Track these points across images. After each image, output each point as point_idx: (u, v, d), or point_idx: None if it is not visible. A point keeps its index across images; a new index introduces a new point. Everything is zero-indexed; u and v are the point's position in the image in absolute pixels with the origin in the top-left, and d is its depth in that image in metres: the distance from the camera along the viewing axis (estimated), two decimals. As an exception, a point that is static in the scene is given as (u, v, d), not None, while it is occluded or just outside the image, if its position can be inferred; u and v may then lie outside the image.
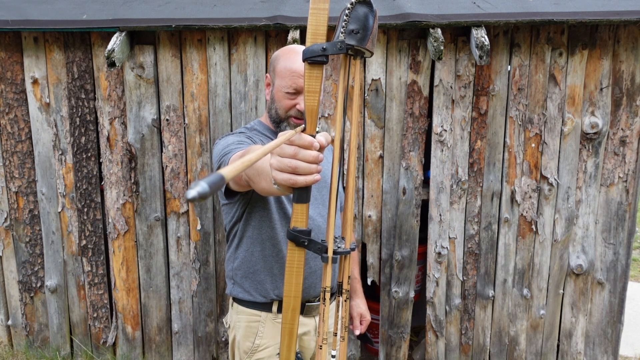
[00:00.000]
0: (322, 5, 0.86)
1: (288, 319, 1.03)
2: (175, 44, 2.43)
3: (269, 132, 1.57)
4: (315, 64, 0.89)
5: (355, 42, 0.90)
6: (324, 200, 1.57)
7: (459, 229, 2.54)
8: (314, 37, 0.88)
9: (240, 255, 1.56)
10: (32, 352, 2.79)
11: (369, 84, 2.42)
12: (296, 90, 1.45)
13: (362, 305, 1.82)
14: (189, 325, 2.68)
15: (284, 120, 1.50)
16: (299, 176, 0.84)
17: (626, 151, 2.45)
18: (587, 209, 2.52)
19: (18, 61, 2.52)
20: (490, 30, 2.33)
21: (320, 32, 0.88)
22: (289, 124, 1.49)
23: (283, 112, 1.49)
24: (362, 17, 0.89)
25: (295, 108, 1.46)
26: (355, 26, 0.89)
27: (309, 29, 0.89)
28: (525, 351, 2.67)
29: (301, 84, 1.43)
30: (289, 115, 1.48)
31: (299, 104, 1.45)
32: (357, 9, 0.89)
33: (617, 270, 2.57)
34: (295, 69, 1.44)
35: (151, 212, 2.57)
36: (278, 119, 1.50)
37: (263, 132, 1.56)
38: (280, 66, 1.48)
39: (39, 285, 2.74)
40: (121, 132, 2.53)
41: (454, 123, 2.45)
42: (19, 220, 2.68)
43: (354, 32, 0.89)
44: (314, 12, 0.88)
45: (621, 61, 2.38)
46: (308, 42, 0.89)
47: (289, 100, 1.47)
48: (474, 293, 2.61)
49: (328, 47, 0.87)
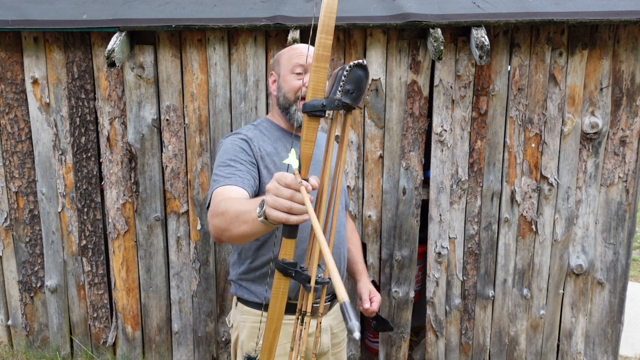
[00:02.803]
0: (323, 64, 0.98)
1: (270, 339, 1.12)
2: (175, 44, 2.43)
3: (274, 129, 1.58)
4: (314, 116, 1.00)
5: (350, 101, 1.03)
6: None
7: (459, 229, 2.54)
8: (314, 93, 1.00)
9: (247, 261, 1.56)
10: (32, 352, 2.79)
11: (369, 84, 2.42)
12: (304, 69, 1.48)
13: (368, 284, 1.77)
14: (189, 325, 2.68)
15: (293, 104, 1.50)
16: (292, 216, 0.94)
17: (626, 151, 2.45)
18: (587, 209, 2.52)
19: (18, 61, 2.52)
20: (490, 30, 2.33)
21: (320, 88, 1.00)
22: (299, 108, 1.50)
23: (292, 95, 1.50)
24: (358, 80, 1.02)
25: (304, 87, 1.48)
26: (351, 87, 1.02)
27: (310, 84, 1.00)
28: (525, 351, 2.67)
29: (309, 61, 1.45)
30: (297, 97, 1.49)
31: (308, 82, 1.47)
32: (355, 72, 1.02)
33: (617, 270, 2.57)
34: (302, 50, 1.50)
35: (151, 212, 2.57)
36: (287, 103, 1.51)
37: (268, 130, 1.57)
38: (285, 56, 1.53)
39: (39, 285, 2.74)
40: (121, 132, 2.53)
41: (454, 123, 2.45)
42: (19, 220, 2.68)
43: (349, 92, 1.02)
44: (316, 70, 0.99)
45: (621, 61, 2.38)
46: (309, 97, 1.00)
47: (297, 80, 1.49)
48: (474, 293, 2.61)
49: (327, 104, 1.00)
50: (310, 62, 1.45)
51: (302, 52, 1.50)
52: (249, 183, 1.37)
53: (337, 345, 1.70)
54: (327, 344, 1.62)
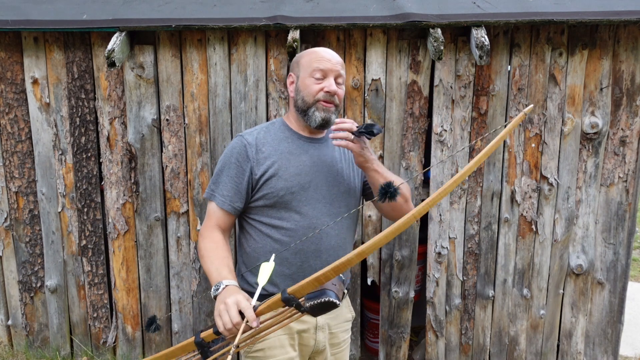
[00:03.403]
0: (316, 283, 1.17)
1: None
2: (175, 44, 2.43)
3: (284, 129, 1.62)
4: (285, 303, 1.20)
5: (310, 314, 1.19)
6: (333, 199, 1.59)
7: (459, 229, 2.54)
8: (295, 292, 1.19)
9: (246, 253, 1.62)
10: (32, 352, 2.79)
11: (369, 84, 2.42)
12: (323, 74, 1.52)
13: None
14: (189, 325, 2.68)
15: (312, 106, 1.54)
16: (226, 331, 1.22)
17: (626, 151, 2.45)
18: (587, 209, 2.52)
19: (18, 61, 2.52)
20: (490, 30, 2.32)
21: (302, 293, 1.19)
22: (317, 109, 1.53)
23: (311, 98, 1.53)
24: (326, 310, 1.16)
25: (322, 92, 1.52)
26: (318, 312, 1.18)
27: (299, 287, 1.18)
28: (525, 351, 2.67)
29: (328, 66, 1.52)
30: (317, 99, 1.53)
31: (327, 86, 1.51)
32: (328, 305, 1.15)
33: (617, 270, 2.57)
34: (322, 54, 1.54)
35: (151, 212, 2.57)
36: (305, 106, 1.55)
37: (278, 131, 1.61)
38: (305, 59, 1.56)
39: (39, 285, 2.74)
40: (121, 132, 2.53)
41: (454, 123, 2.45)
42: (19, 220, 2.68)
43: (314, 311, 1.18)
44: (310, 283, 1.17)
45: (621, 61, 2.38)
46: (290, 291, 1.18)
47: (316, 85, 1.52)
48: (474, 293, 2.61)
49: (295, 307, 1.18)
50: (330, 67, 1.52)
51: (323, 56, 1.53)
52: (229, 200, 1.54)
53: (336, 346, 1.70)
54: (323, 342, 1.63)
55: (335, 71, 1.53)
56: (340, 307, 1.69)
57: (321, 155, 1.60)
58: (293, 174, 1.54)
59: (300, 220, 1.53)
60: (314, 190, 1.56)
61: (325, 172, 1.59)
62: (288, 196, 1.52)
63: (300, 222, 1.53)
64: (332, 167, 1.61)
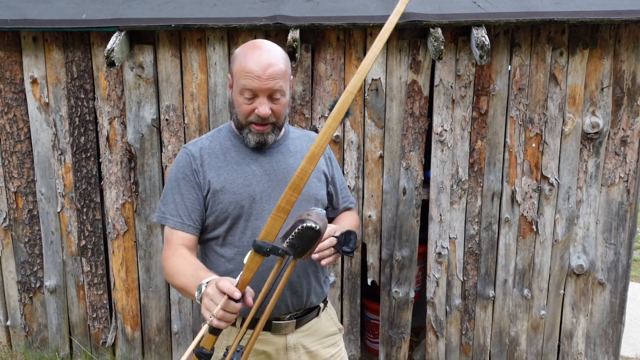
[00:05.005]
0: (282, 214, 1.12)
1: None
2: (175, 44, 2.42)
3: (234, 138, 1.47)
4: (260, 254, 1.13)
5: (293, 254, 1.16)
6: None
7: (459, 229, 2.54)
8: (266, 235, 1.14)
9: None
10: (31, 353, 2.78)
11: (369, 83, 2.41)
12: (253, 94, 1.33)
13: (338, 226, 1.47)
14: (189, 326, 2.68)
15: (244, 127, 1.39)
16: (222, 322, 1.11)
17: (627, 151, 2.44)
18: (587, 209, 2.51)
19: (17, 61, 2.52)
20: (490, 30, 2.32)
21: (273, 233, 1.14)
22: (251, 132, 1.39)
23: (243, 119, 1.38)
24: (307, 239, 1.13)
25: (254, 114, 1.35)
26: (298, 242, 1.13)
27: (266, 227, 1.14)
28: (526, 352, 2.66)
29: (256, 85, 1.31)
30: (249, 121, 1.37)
31: (258, 108, 1.33)
32: (306, 232, 1.13)
33: (618, 271, 2.56)
34: (250, 69, 1.30)
35: (151, 212, 2.56)
36: (239, 125, 1.41)
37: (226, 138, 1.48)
38: (237, 66, 1.35)
39: (38, 285, 2.74)
40: (121, 132, 2.52)
41: (454, 123, 2.44)
42: (18, 221, 2.67)
43: (295, 246, 1.14)
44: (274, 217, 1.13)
45: (622, 61, 2.38)
46: (260, 237, 1.14)
47: (247, 105, 1.35)
48: (474, 293, 2.61)
49: (271, 250, 1.12)
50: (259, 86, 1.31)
51: (251, 70, 1.30)
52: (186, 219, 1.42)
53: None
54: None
55: (266, 90, 1.31)
56: (318, 321, 1.54)
57: (274, 163, 1.45)
58: (241, 184, 1.40)
59: (252, 235, 1.40)
60: (267, 201, 1.41)
61: (279, 181, 1.43)
62: (237, 210, 1.40)
63: (252, 238, 1.39)
64: (287, 175, 1.44)
